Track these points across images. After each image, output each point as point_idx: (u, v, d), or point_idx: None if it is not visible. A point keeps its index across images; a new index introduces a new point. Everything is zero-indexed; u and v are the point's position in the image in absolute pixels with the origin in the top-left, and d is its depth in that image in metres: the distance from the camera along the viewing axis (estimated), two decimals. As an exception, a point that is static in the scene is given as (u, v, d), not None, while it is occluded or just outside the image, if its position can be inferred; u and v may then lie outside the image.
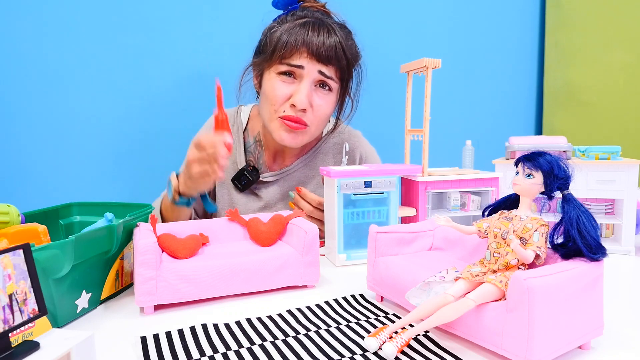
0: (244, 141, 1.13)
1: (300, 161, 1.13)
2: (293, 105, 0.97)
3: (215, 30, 1.35)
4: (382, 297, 0.68)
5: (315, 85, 1.00)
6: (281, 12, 1.06)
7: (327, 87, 1.01)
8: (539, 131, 1.78)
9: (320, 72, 0.97)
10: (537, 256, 0.52)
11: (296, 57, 0.95)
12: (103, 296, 0.69)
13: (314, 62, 0.96)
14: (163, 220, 0.99)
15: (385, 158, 1.36)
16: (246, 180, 1.10)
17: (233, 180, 1.12)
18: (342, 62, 1.00)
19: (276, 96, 0.98)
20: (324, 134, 1.16)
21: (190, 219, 1.02)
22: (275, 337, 0.56)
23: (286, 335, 0.57)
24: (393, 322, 0.59)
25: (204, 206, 0.96)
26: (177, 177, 0.92)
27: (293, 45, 0.94)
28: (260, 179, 1.11)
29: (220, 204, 1.15)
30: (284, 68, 0.97)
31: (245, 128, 1.14)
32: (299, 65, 0.96)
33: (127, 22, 1.28)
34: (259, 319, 0.61)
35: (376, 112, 1.53)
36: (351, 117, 1.13)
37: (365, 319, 0.61)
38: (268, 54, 0.98)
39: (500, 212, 0.58)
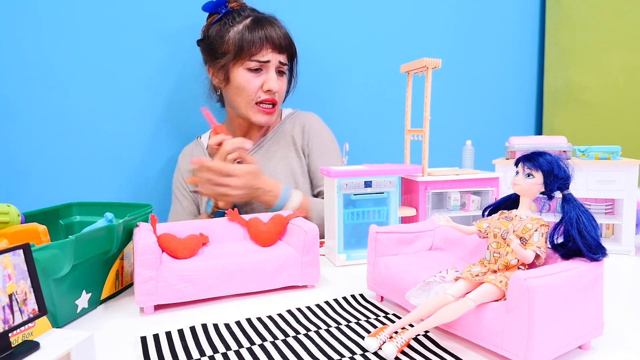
0: (209, 153, 1.26)
1: (268, 136, 1.27)
2: (269, 91, 1.16)
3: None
4: (382, 297, 0.68)
5: (276, 72, 1.18)
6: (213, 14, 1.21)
7: (282, 73, 1.21)
8: (539, 131, 1.78)
9: (280, 62, 1.17)
10: (537, 256, 0.52)
11: (264, 54, 1.14)
12: (103, 296, 0.69)
13: (276, 54, 1.16)
14: None
15: (385, 158, 1.36)
16: None
17: None
18: (292, 48, 1.22)
19: (252, 87, 1.16)
20: (282, 117, 1.32)
21: None
22: (275, 337, 0.56)
23: (286, 335, 0.57)
24: (393, 322, 0.59)
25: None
26: None
27: (259, 44, 1.13)
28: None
29: None
30: (253, 65, 1.14)
31: (207, 146, 1.28)
32: (267, 60, 1.14)
33: (126, 21, 1.28)
34: (259, 319, 0.61)
35: (376, 112, 1.53)
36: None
37: (365, 319, 0.61)
38: (233, 53, 1.14)
39: (500, 212, 0.58)
